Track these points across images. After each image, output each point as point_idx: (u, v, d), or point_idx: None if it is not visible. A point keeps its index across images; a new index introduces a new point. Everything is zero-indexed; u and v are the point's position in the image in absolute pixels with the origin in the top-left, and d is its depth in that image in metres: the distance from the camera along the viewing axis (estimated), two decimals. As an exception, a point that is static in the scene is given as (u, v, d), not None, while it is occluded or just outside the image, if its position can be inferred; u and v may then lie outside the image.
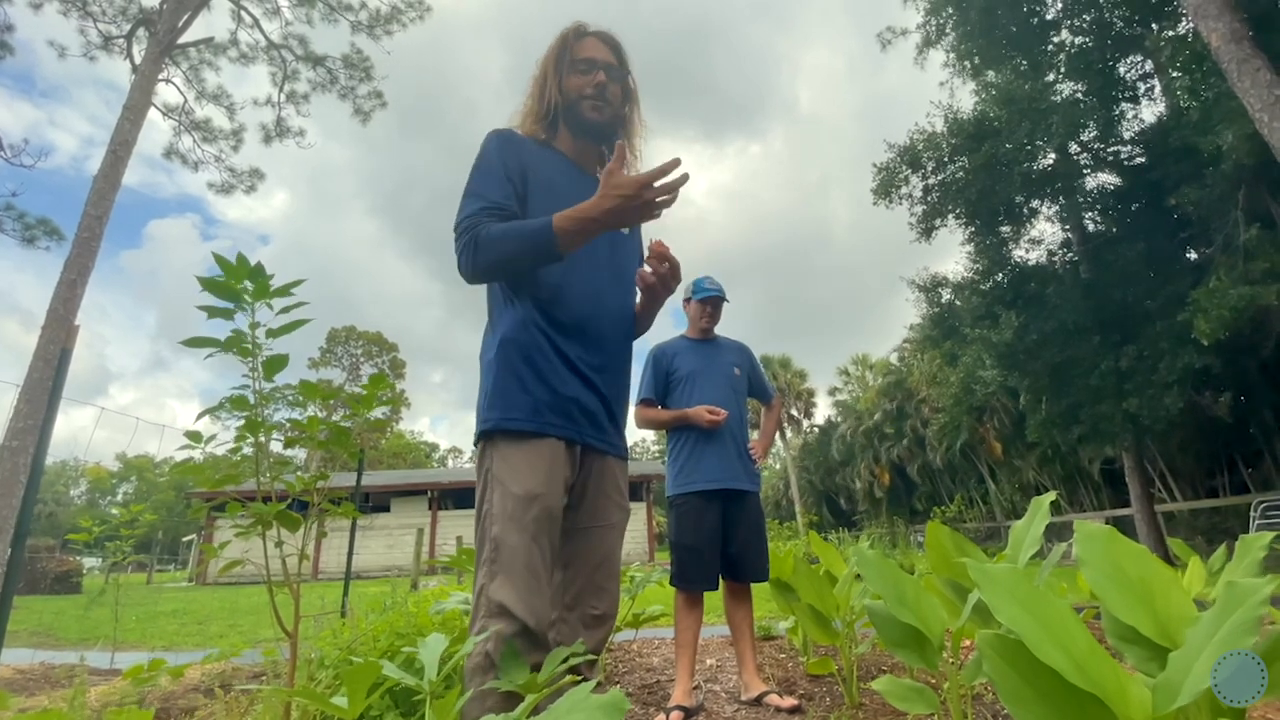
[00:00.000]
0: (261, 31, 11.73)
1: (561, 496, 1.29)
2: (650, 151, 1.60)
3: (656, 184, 1.17)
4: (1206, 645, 0.85)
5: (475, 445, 1.35)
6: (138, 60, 9.64)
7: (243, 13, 11.51)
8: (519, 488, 1.23)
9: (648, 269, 1.39)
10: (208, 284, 1.36)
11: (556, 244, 1.22)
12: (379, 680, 1.25)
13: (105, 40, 10.62)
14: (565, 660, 1.12)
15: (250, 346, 1.44)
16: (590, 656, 1.28)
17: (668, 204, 1.21)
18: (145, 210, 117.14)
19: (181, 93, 11.47)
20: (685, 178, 1.18)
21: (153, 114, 9.98)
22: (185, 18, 9.54)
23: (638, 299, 1.56)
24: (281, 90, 12.23)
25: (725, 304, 2.80)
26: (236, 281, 1.37)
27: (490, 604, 1.17)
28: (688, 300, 2.82)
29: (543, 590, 1.20)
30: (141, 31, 10.25)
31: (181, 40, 9.70)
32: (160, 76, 9.47)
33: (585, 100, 1.46)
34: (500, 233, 1.26)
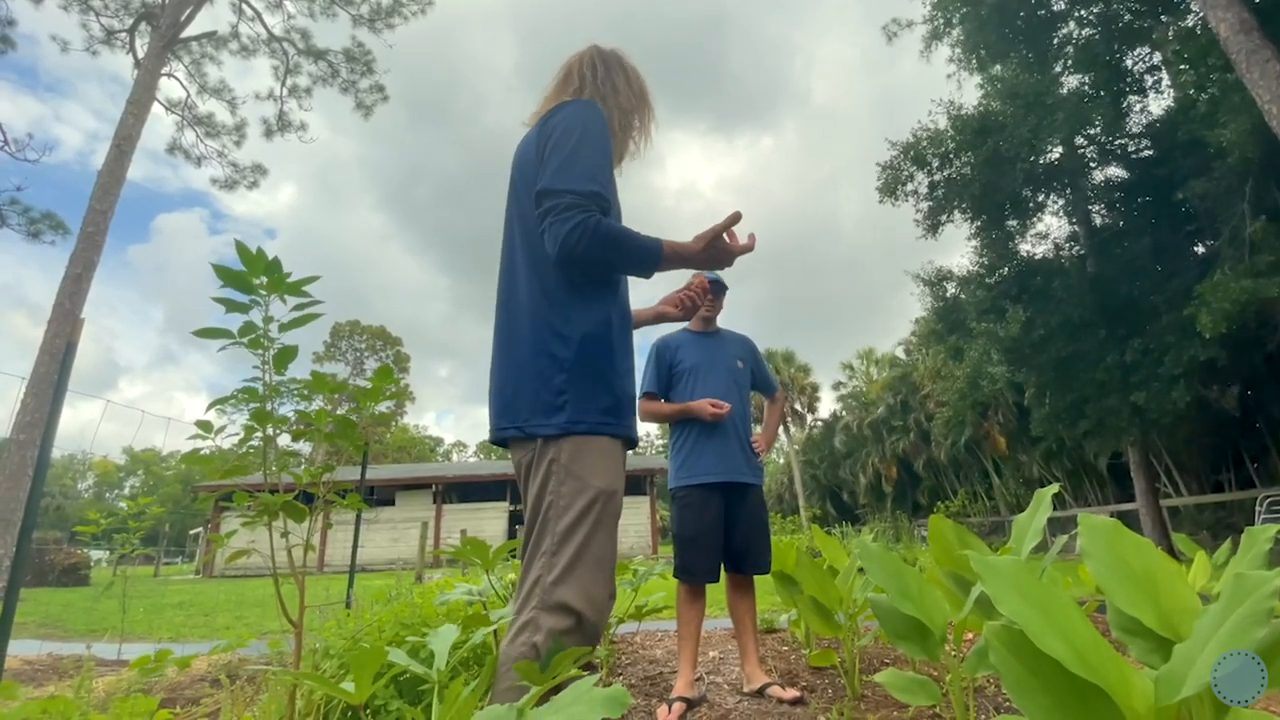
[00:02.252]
0: (263, 25, 11.72)
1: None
2: (662, 144, 1.68)
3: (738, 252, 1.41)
4: (1213, 637, 0.85)
5: (531, 437, 1.27)
6: (140, 55, 9.65)
7: (244, 6, 11.50)
8: (601, 482, 1.23)
9: (686, 295, 1.61)
10: (223, 273, 1.36)
11: (657, 269, 1.31)
12: (384, 668, 1.26)
13: (108, 34, 10.63)
14: (575, 658, 1.12)
15: (263, 339, 1.44)
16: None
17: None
18: (153, 204, 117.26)
19: (184, 87, 11.48)
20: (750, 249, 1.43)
21: (158, 108, 10.00)
22: (188, 12, 9.54)
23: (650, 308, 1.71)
24: (283, 84, 12.23)
25: (725, 292, 2.79)
26: (256, 273, 1.37)
27: (548, 598, 1.15)
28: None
29: (607, 582, 1.22)
30: (144, 25, 10.25)
31: (184, 34, 9.70)
32: (163, 71, 9.48)
33: (629, 149, 1.62)
34: (621, 235, 1.27)
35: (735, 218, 1.35)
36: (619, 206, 1.42)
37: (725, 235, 1.37)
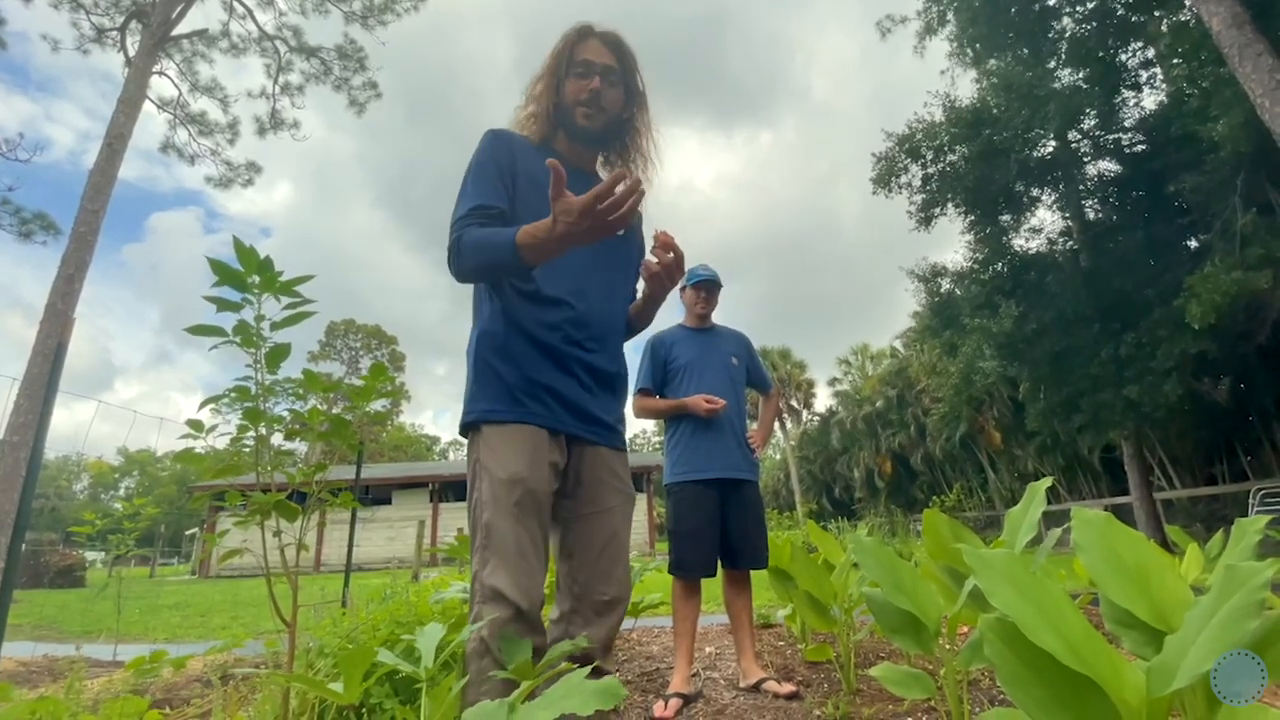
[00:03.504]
0: (255, 22, 11.65)
1: (548, 481, 1.30)
2: (659, 139, 1.60)
3: (605, 203, 1.08)
4: (1204, 629, 0.85)
5: (463, 437, 1.38)
6: (132, 53, 9.58)
7: (235, 4, 11.42)
8: (503, 472, 1.25)
9: (653, 259, 1.39)
10: (218, 268, 1.35)
11: (521, 260, 1.21)
12: (375, 667, 1.26)
13: (98, 33, 10.54)
14: (567, 652, 1.13)
15: (255, 338, 1.43)
16: (588, 645, 1.28)
17: (626, 218, 1.11)
18: (147, 203, 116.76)
19: (176, 85, 11.40)
20: (637, 189, 1.09)
21: (150, 107, 9.93)
22: (178, 9, 9.47)
23: (639, 292, 1.59)
24: (276, 82, 12.16)
25: (720, 289, 2.79)
26: (250, 270, 1.36)
27: (484, 589, 1.19)
28: (683, 288, 2.81)
29: (534, 572, 1.22)
30: (135, 24, 10.17)
31: (175, 32, 9.63)
32: (154, 69, 9.41)
33: (579, 107, 1.46)
34: (475, 242, 1.28)
35: (556, 170, 1.08)
36: (532, 191, 1.39)
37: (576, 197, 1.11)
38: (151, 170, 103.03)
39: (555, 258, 1.23)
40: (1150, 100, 11.49)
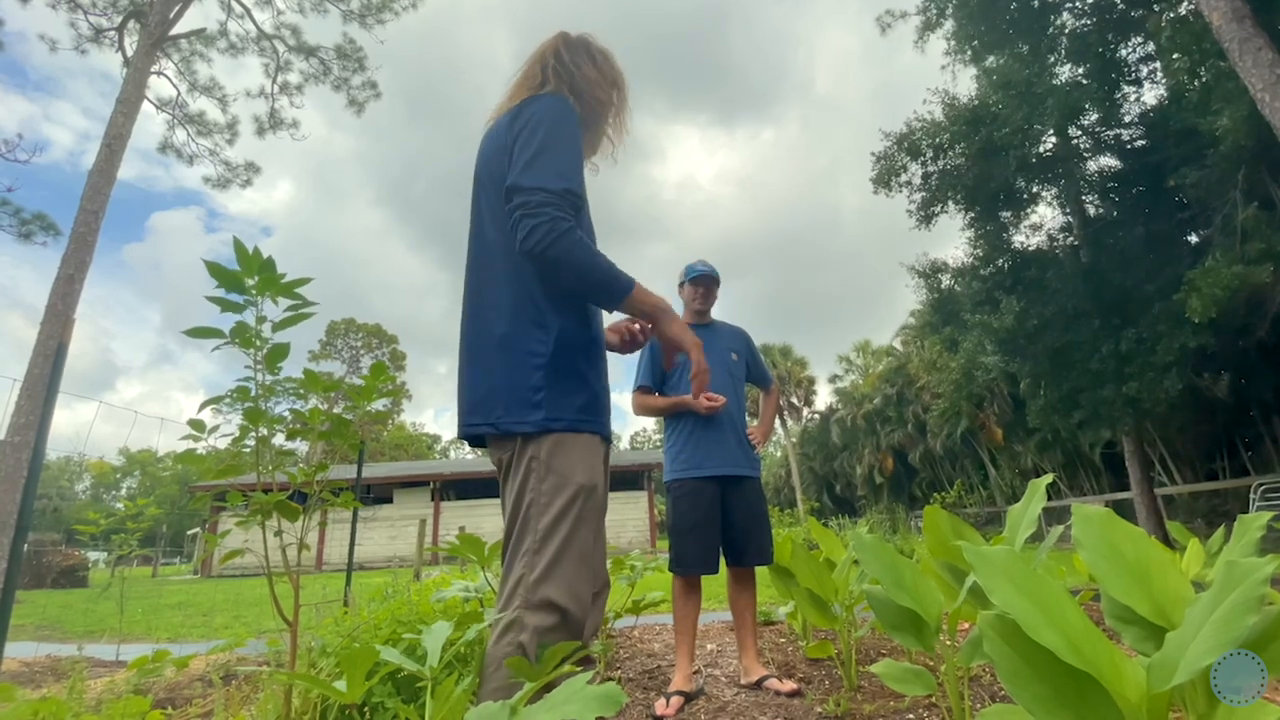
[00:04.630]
0: (253, 21, 11.63)
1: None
2: (662, 136, 1.66)
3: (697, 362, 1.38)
4: (1204, 625, 0.85)
5: (508, 435, 1.26)
6: (130, 53, 9.57)
7: (234, 3, 11.40)
8: (582, 478, 1.23)
9: (630, 327, 1.55)
10: (216, 271, 1.35)
11: (619, 305, 1.27)
12: (378, 666, 1.26)
13: (96, 33, 10.53)
14: (568, 656, 1.13)
15: (254, 339, 1.43)
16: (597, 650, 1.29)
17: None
18: (147, 203, 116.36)
19: (174, 85, 11.38)
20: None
21: (148, 107, 9.92)
22: (176, 9, 9.46)
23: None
24: (274, 82, 12.15)
25: (718, 285, 2.79)
26: (251, 271, 1.36)
27: (532, 596, 1.15)
28: (682, 285, 2.81)
29: (589, 577, 1.23)
30: (133, 23, 10.16)
31: (173, 32, 9.61)
32: (153, 69, 9.40)
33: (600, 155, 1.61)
34: (591, 254, 1.21)
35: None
36: (588, 207, 1.39)
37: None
38: (151, 170, 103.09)
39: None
40: (1150, 95, 11.49)
